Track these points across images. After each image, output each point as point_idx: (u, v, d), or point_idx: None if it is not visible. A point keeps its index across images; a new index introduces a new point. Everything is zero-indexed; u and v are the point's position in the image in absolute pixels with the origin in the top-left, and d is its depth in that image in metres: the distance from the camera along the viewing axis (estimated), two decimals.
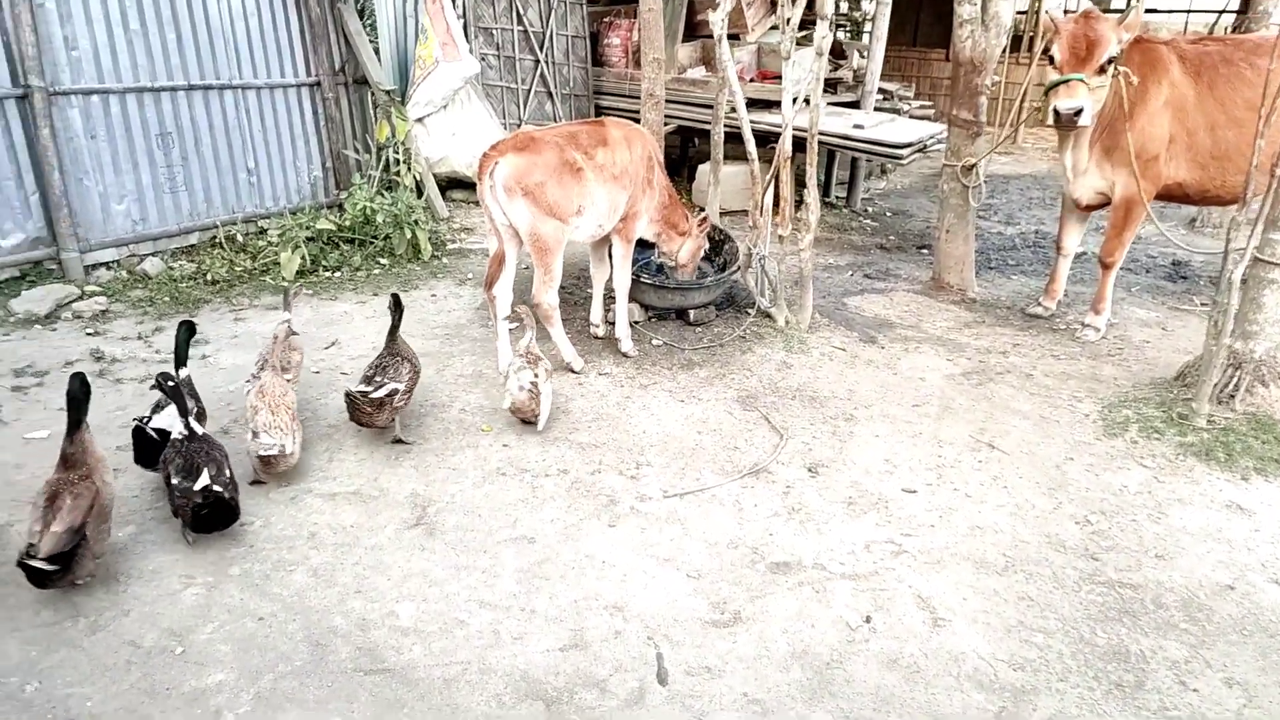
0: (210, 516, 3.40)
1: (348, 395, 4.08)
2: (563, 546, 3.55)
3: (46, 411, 4.46)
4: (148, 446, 3.74)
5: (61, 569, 3.01)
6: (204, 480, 3.37)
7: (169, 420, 3.64)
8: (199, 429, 3.59)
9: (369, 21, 7.77)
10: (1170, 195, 5.74)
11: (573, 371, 5.07)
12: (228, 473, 3.48)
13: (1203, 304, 6.79)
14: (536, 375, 4.29)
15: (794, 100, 5.20)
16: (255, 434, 3.77)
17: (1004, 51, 6.22)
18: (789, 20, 4.88)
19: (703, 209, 5.88)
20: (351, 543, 3.53)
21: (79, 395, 3.24)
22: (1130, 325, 6.20)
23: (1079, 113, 5.10)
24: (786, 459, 4.26)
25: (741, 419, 4.64)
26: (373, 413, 4.09)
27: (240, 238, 6.78)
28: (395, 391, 4.11)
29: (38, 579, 3.02)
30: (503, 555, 3.49)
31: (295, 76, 7.22)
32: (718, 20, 5.12)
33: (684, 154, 10.90)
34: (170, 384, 3.55)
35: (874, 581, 3.40)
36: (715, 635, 3.10)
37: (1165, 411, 4.70)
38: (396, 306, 4.45)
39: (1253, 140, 4.38)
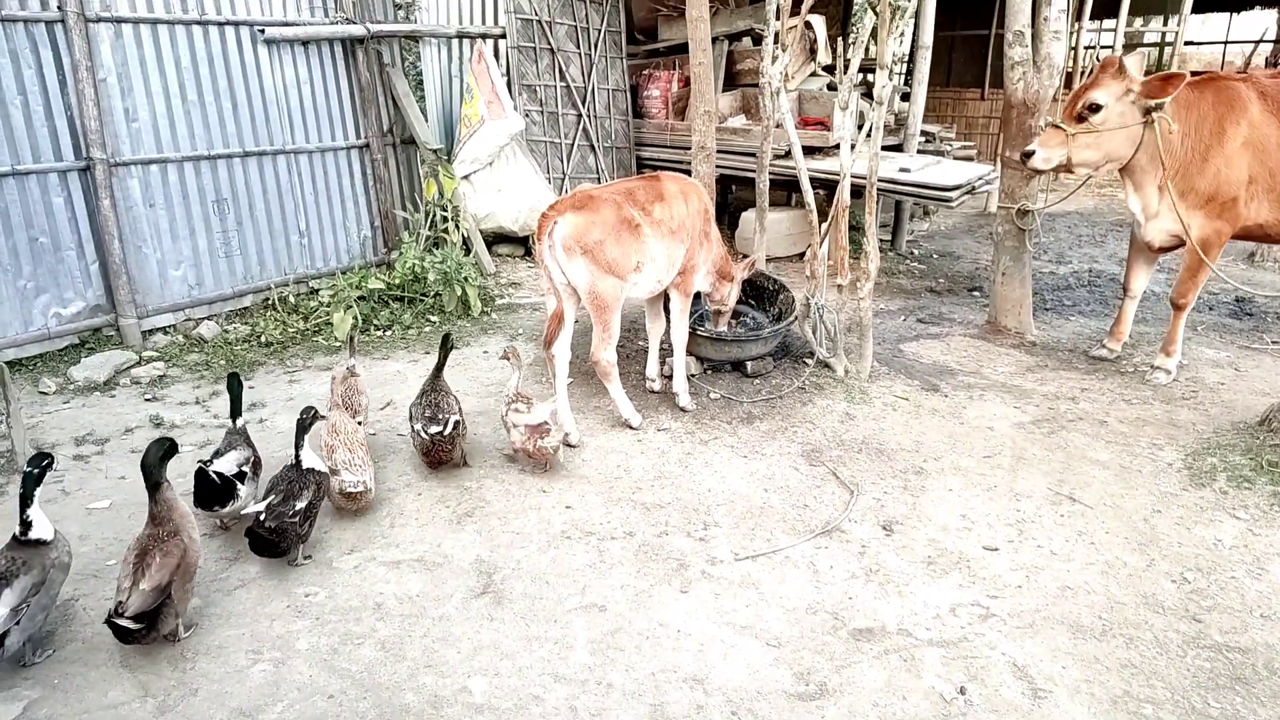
0: (254, 543, 3.57)
1: (430, 437, 4.32)
2: (635, 615, 3.43)
3: (108, 480, 4.46)
4: (209, 490, 3.75)
5: (147, 627, 3.06)
6: (258, 506, 3.60)
7: (228, 465, 3.85)
8: (305, 460, 3.80)
9: (415, 82, 7.89)
10: (1249, 235, 5.55)
11: (630, 428, 4.98)
12: (298, 506, 3.62)
13: (1274, 341, 6.57)
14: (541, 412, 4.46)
15: (852, 146, 5.14)
16: (335, 471, 3.95)
17: (1057, 91, 6.13)
18: (847, 69, 4.84)
19: (744, 255, 5.80)
20: (418, 613, 3.44)
21: (151, 463, 3.26)
22: (1201, 366, 5.99)
23: (1029, 156, 5.47)
24: (859, 516, 4.12)
25: (808, 474, 4.51)
26: (450, 449, 4.41)
27: (292, 299, 6.84)
28: (459, 423, 4.42)
29: (123, 636, 3.06)
30: (574, 625, 3.37)
31: (345, 139, 7.33)
32: (775, 72, 5.11)
33: (724, 201, 10.89)
34: (306, 418, 3.87)
35: (964, 649, 3.24)
36: (802, 710, 2.95)
37: (1253, 459, 4.50)
38: (444, 345, 4.74)
39: None
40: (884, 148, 9.68)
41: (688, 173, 9.26)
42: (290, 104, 6.87)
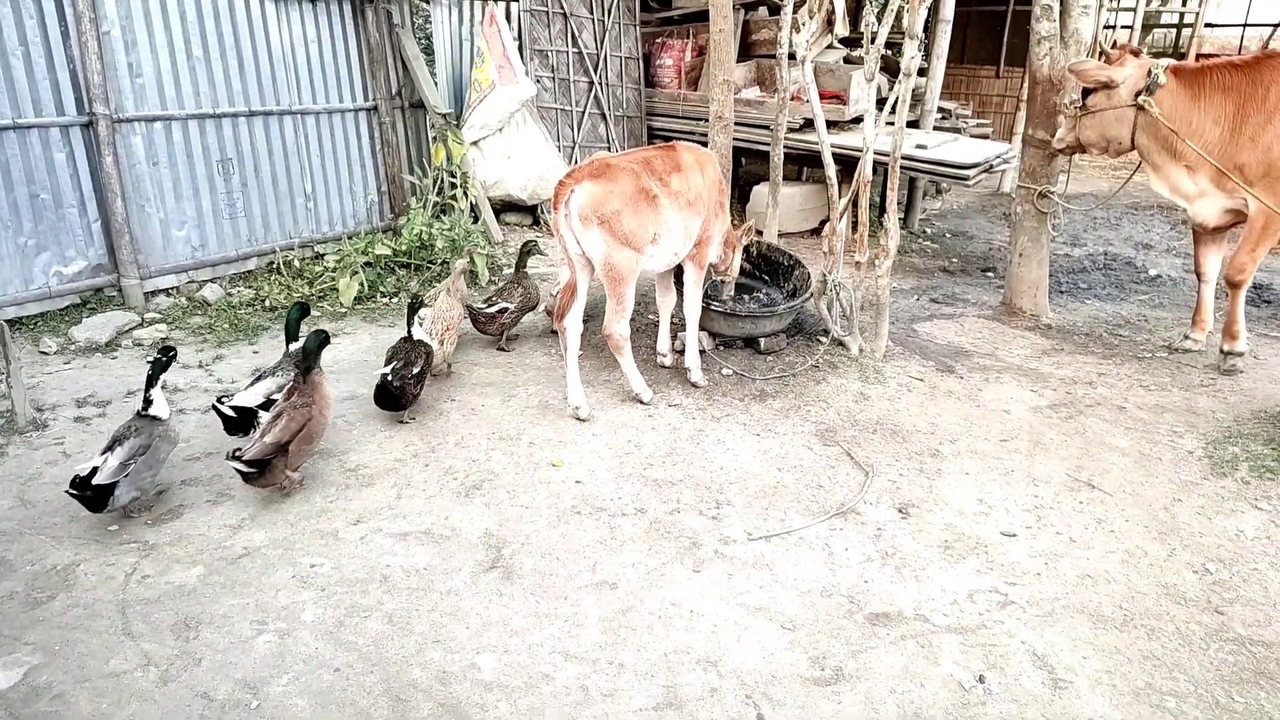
0: (380, 397, 4.52)
1: (469, 309, 5.48)
2: (646, 594, 3.37)
3: None
4: (227, 422, 4.20)
5: (258, 473, 3.71)
6: (385, 369, 4.51)
7: (253, 397, 4.23)
8: (416, 334, 4.79)
9: (425, 45, 7.71)
10: None
11: (642, 403, 4.90)
12: (414, 370, 4.54)
13: None
14: None
15: (874, 121, 5.01)
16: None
17: None
18: (874, 39, 4.70)
19: (745, 223, 5.66)
20: (426, 587, 3.37)
21: (310, 349, 3.99)
22: (1219, 353, 5.88)
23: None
24: (874, 498, 4.04)
25: (822, 454, 4.43)
26: (485, 324, 5.53)
27: (297, 263, 6.72)
28: (505, 310, 5.48)
29: (243, 476, 3.74)
30: (584, 602, 3.31)
31: (353, 101, 7.18)
32: (801, 42, 4.96)
33: (735, 174, 10.73)
34: (415, 302, 4.90)
35: (983, 636, 3.17)
36: (818, 695, 2.89)
37: (1275, 449, 4.42)
38: (523, 251, 5.87)
39: None
40: None
41: (701, 143, 9.13)
42: (297, 63, 6.72)
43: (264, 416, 3.96)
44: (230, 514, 3.82)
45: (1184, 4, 18.37)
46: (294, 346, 4.35)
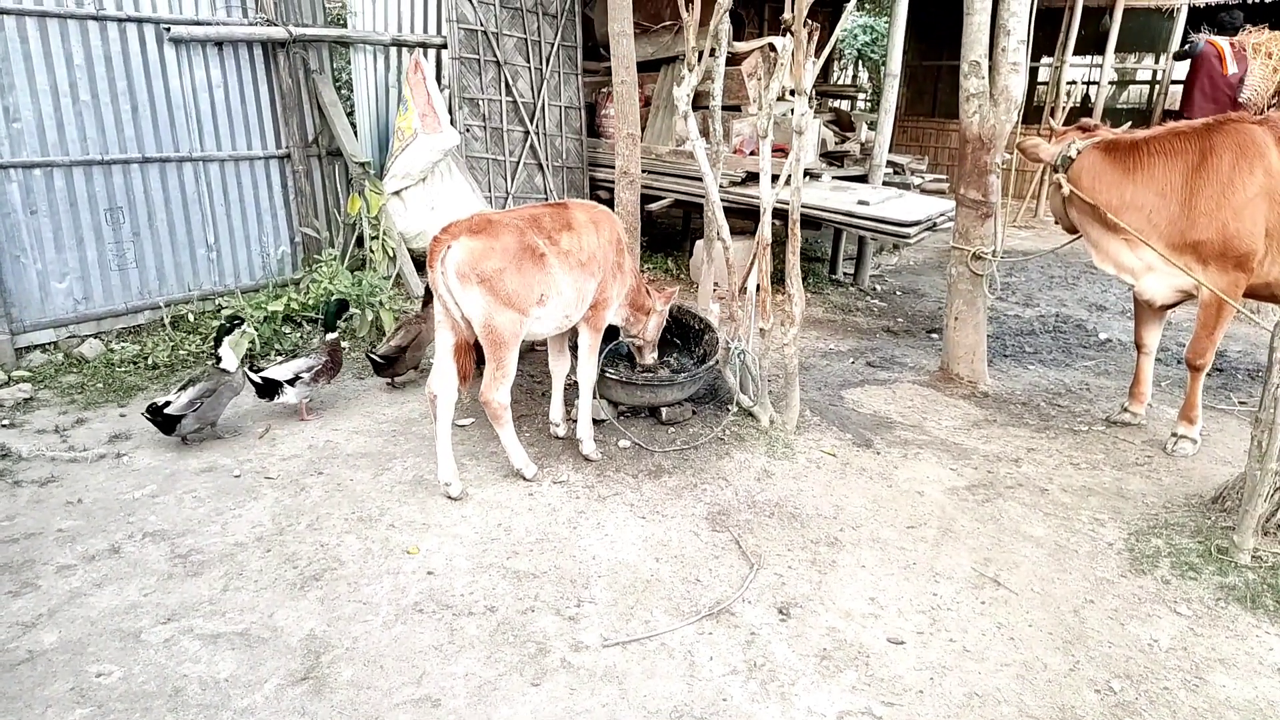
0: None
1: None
2: (471, 712, 2.96)
3: None
4: (257, 389, 4.94)
5: (386, 365, 5.44)
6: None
7: (283, 373, 5.00)
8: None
9: (347, 92, 7.44)
10: (1256, 294, 5.06)
11: (524, 479, 4.51)
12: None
13: (1241, 403, 6.14)
14: None
15: (787, 178, 4.71)
16: None
17: (1015, 126, 5.72)
18: (764, 98, 4.42)
19: (670, 288, 5.35)
20: (220, 704, 2.95)
21: (425, 298, 5.72)
22: (1160, 427, 5.54)
23: None
24: (755, 596, 3.65)
25: (708, 542, 4.04)
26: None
27: (192, 317, 6.35)
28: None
29: (376, 368, 5.50)
30: None
31: (263, 149, 6.86)
32: (682, 95, 4.68)
33: (685, 228, 10.47)
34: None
35: None
36: None
37: (1202, 543, 4.04)
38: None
39: None
40: (849, 178, 9.29)
41: (651, 198, 8.85)
42: (200, 108, 6.41)
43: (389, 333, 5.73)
44: (29, 609, 3.41)
45: (1156, 61, 18.41)
46: (330, 336, 5.27)
